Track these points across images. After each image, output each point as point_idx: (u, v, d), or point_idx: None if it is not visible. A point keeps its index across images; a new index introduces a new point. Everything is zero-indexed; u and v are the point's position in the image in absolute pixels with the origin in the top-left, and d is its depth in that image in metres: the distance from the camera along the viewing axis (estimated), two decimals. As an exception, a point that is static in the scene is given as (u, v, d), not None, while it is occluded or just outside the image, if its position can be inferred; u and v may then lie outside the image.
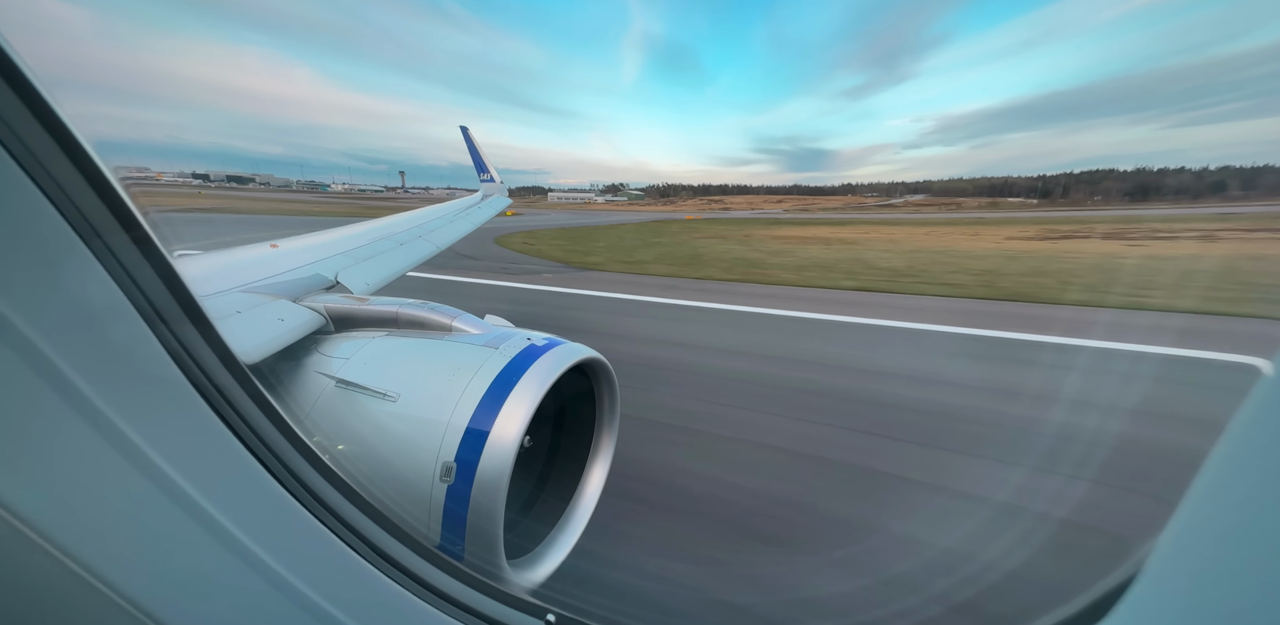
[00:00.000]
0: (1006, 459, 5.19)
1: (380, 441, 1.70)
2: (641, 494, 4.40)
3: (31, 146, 0.65)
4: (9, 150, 0.62)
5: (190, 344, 0.84)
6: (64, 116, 0.68)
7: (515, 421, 1.63)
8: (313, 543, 1.01)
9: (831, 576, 3.53)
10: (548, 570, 1.96)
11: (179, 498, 0.79)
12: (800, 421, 5.96)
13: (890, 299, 13.39)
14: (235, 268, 2.68)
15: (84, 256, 0.71)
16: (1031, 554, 3.77)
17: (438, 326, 2.12)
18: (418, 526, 1.63)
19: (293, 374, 1.93)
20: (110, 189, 0.74)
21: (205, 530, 0.83)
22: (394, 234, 4.73)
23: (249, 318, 2.03)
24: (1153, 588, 0.66)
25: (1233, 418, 0.59)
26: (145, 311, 0.78)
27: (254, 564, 0.89)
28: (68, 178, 0.69)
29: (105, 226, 0.74)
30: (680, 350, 8.56)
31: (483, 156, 11.01)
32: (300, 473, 1.02)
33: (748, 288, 15.05)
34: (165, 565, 0.82)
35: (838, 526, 4.10)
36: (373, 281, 3.34)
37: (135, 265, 0.77)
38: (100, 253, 0.72)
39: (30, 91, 0.64)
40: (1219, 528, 0.60)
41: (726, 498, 4.43)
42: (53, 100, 0.67)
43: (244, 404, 0.94)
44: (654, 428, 5.71)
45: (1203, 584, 0.60)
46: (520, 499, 2.23)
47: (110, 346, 0.73)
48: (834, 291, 14.54)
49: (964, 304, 12.65)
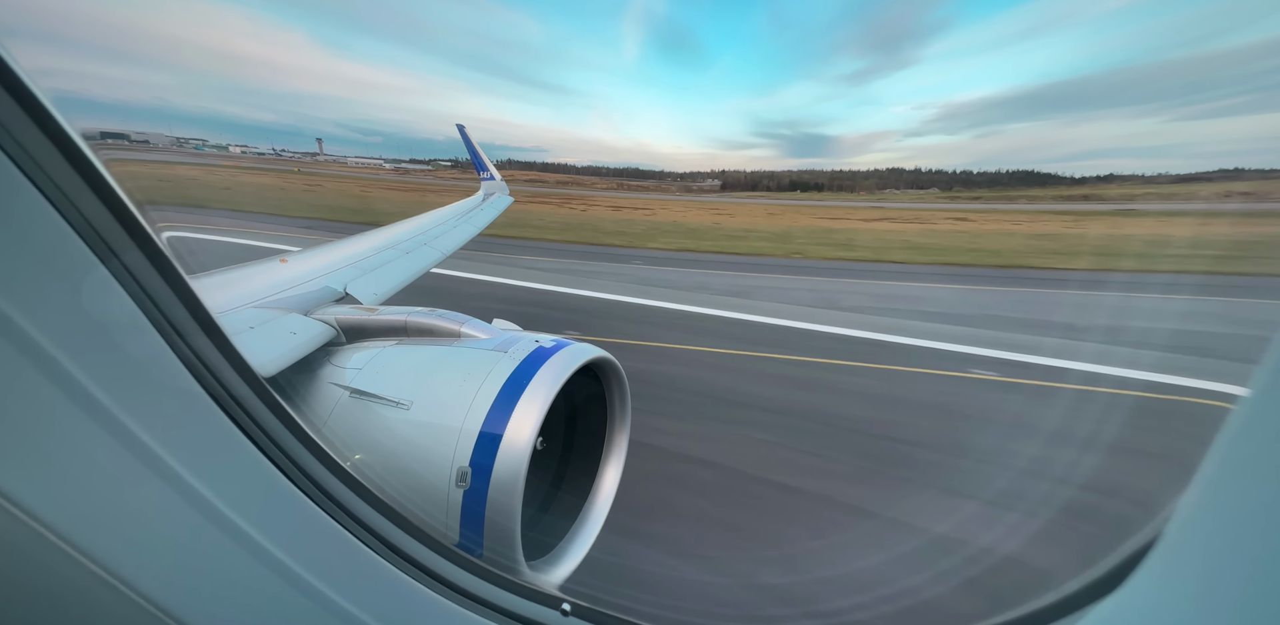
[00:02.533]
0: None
1: (396, 448, 1.73)
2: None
3: (50, 172, 0.68)
4: (30, 178, 0.65)
5: (208, 358, 0.88)
6: (80, 142, 0.71)
7: (528, 424, 1.65)
8: (332, 544, 1.04)
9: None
10: (569, 568, 1.98)
11: (204, 508, 0.83)
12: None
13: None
14: (246, 285, 2.74)
15: (103, 277, 0.74)
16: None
17: (446, 333, 2.15)
18: (437, 528, 1.67)
19: (308, 385, 1.97)
20: (126, 211, 0.77)
21: (232, 539, 0.86)
22: (399, 243, 4.78)
23: (262, 333, 2.07)
24: (1170, 556, 0.65)
25: (1251, 381, 0.57)
26: (163, 328, 0.81)
27: (278, 568, 0.93)
28: (85, 201, 0.72)
29: (121, 246, 0.77)
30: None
31: (481, 155, 10.90)
32: (319, 478, 1.06)
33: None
34: (193, 573, 0.85)
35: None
36: (381, 291, 3.38)
37: (152, 283, 0.80)
38: (118, 272, 0.76)
39: (48, 119, 0.67)
40: (1238, 494, 0.59)
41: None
42: (67, 125, 0.69)
43: (262, 415, 0.97)
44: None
45: (1221, 550, 0.59)
46: (537, 498, 2.26)
47: (132, 363, 0.76)
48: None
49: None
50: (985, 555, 4.73)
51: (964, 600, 4.06)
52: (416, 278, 4.17)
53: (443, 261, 5.09)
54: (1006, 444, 7.02)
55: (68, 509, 0.71)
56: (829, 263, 24.62)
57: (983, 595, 4.09)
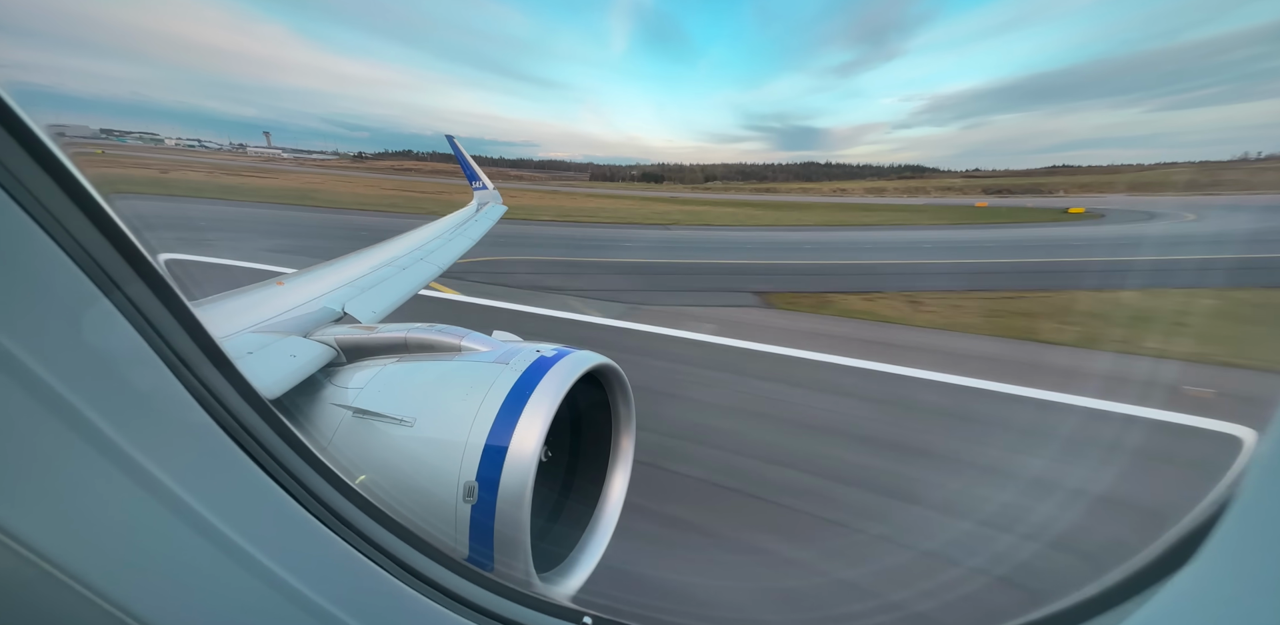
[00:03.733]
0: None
1: (402, 466, 1.73)
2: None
3: (47, 204, 0.67)
4: (26, 209, 0.65)
5: (215, 387, 0.88)
6: (76, 172, 0.70)
7: (532, 435, 1.65)
8: (346, 567, 1.04)
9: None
10: (581, 578, 1.97)
11: (218, 539, 0.82)
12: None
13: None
14: (244, 310, 2.73)
15: (105, 309, 0.73)
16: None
17: (446, 347, 2.15)
18: (447, 543, 1.66)
19: (310, 407, 1.97)
20: (126, 241, 0.77)
21: (247, 569, 0.85)
22: (396, 259, 4.79)
23: (261, 357, 2.07)
24: (1244, 522, 0.61)
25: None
26: (169, 358, 0.81)
27: (293, 595, 0.92)
28: (84, 233, 0.72)
29: (123, 277, 0.76)
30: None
31: (472, 164, 10.86)
32: (330, 501, 1.05)
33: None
34: (211, 606, 0.84)
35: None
36: (379, 309, 3.38)
37: (155, 313, 0.80)
38: (120, 304, 0.75)
39: (44, 151, 0.67)
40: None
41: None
42: (63, 156, 0.69)
43: (271, 441, 0.97)
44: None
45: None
46: (545, 509, 2.25)
47: (140, 396, 0.76)
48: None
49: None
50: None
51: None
52: (414, 293, 4.17)
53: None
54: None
55: (80, 548, 0.71)
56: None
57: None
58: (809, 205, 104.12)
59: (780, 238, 37.04)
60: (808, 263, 24.27)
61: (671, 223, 46.95)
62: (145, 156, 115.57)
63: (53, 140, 0.68)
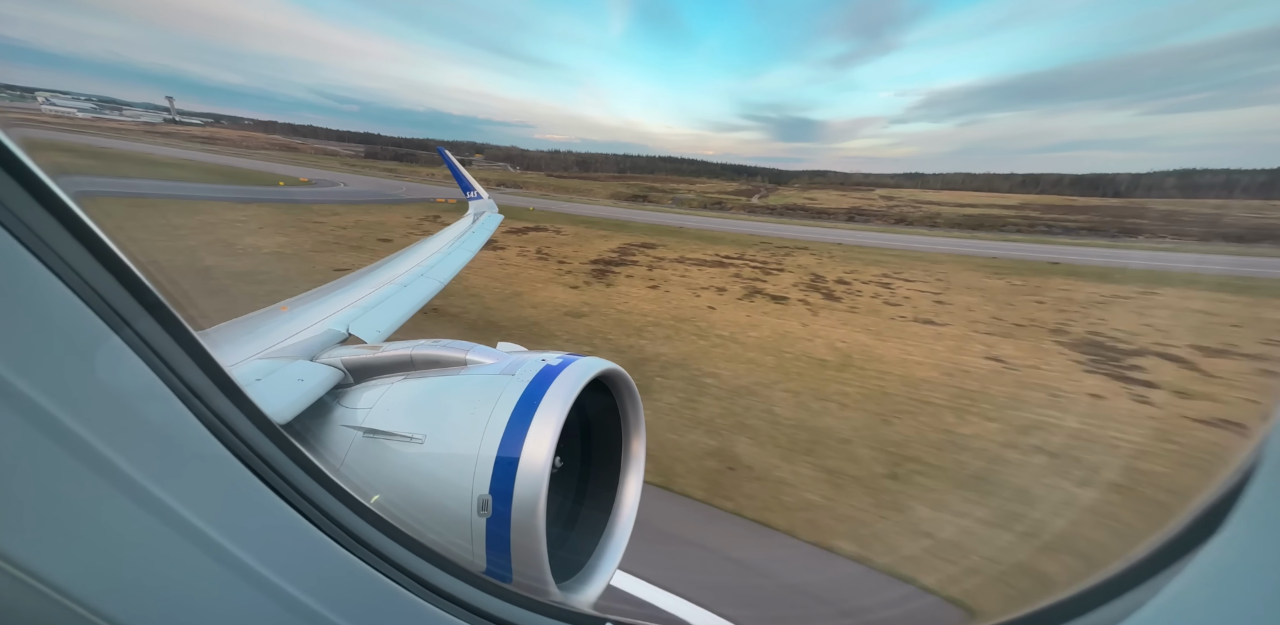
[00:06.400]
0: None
1: (415, 483, 1.73)
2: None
3: (54, 245, 0.69)
4: (34, 253, 0.66)
5: (228, 417, 0.89)
6: (79, 211, 0.72)
7: (543, 445, 1.66)
8: (367, 588, 1.05)
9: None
10: (601, 584, 1.97)
11: (239, 568, 0.83)
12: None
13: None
14: (250, 336, 2.75)
15: (116, 346, 0.75)
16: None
17: (452, 362, 2.16)
18: (465, 557, 1.66)
19: (321, 430, 1.98)
20: (133, 277, 0.78)
21: (269, 596, 0.86)
22: (396, 277, 4.81)
23: (270, 383, 2.08)
24: (1270, 489, 0.60)
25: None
26: (181, 392, 0.82)
27: (318, 622, 0.93)
28: (92, 272, 0.73)
29: (132, 314, 0.78)
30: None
31: (465, 174, 10.76)
32: (347, 524, 1.06)
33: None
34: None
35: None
36: (383, 328, 3.39)
37: (165, 348, 0.82)
38: (131, 341, 0.77)
39: (46, 192, 0.68)
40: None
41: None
42: (65, 195, 0.70)
43: (286, 467, 0.98)
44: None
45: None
46: (560, 518, 2.25)
47: (155, 431, 0.77)
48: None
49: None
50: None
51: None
52: (417, 310, 4.18)
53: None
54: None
55: (106, 586, 0.72)
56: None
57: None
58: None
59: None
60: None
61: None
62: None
63: (55, 183, 0.70)
